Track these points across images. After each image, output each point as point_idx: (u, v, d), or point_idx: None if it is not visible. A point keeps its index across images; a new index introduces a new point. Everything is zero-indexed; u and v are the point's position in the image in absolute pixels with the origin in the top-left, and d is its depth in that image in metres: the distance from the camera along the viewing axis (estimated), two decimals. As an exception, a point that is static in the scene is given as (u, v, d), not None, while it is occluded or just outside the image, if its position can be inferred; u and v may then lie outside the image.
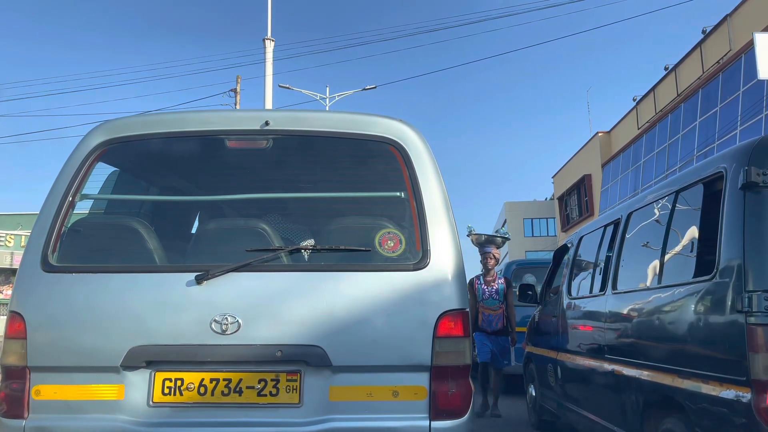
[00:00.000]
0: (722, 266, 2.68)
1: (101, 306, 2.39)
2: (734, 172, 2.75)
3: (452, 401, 2.38)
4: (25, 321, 2.38)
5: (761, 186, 2.62)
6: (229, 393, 2.34)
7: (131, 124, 2.76)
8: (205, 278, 2.37)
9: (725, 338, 2.61)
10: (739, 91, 19.10)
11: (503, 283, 7.01)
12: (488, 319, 6.86)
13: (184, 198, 3.36)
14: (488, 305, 6.90)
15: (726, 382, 2.59)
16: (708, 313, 2.76)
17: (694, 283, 2.90)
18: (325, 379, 2.36)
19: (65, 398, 2.37)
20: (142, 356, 2.34)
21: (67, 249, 2.53)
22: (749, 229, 2.59)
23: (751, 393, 2.43)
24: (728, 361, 2.58)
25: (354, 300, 2.40)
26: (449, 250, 2.50)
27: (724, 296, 2.63)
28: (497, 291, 6.94)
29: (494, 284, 6.96)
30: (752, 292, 2.47)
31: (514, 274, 9.55)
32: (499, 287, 6.95)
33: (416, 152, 2.62)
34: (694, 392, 2.82)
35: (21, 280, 2.47)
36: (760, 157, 2.68)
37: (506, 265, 9.97)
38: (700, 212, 3.07)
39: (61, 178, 2.60)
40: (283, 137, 2.72)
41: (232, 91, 21.67)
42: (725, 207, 2.76)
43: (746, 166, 2.66)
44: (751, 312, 2.45)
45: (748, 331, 2.46)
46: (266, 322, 2.36)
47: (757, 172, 2.62)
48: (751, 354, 2.44)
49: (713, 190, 2.97)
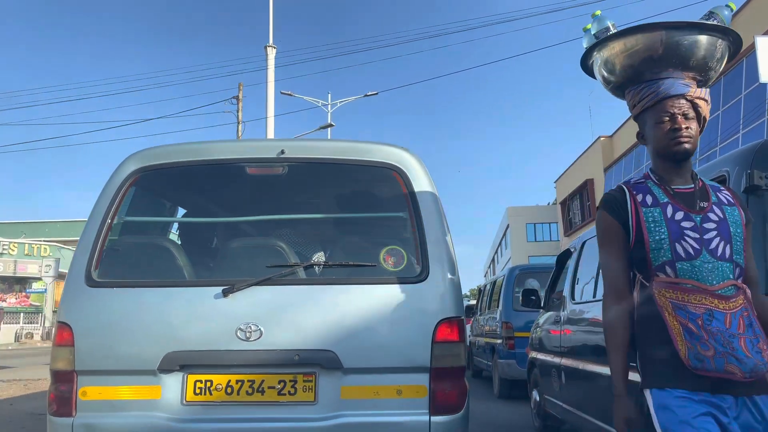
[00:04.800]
0: (726, 270, 2.67)
1: (139, 316, 2.69)
2: (737, 175, 2.76)
3: (449, 399, 2.66)
4: (72, 330, 2.67)
5: (764, 189, 2.62)
6: (252, 392, 2.63)
7: (161, 153, 3.07)
8: (231, 291, 2.67)
9: (730, 342, 2.60)
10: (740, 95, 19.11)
11: (733, 202, 2.03)
12: (716, 333, 1.84)
13: (209, 219, 3.73)
14: (706, 276, 1.87)
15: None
16: (712, 317, 2.75)
17: (698, 286, 2.89)
18: (337, 379, 2.65)
19: (109, 398, 2.65)
20: (176, 361, 2.62)
21: (108, 266, 2.82)
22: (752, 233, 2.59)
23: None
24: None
25: (362, 309, 2.69)
26: (446, 264, 2.78)
27: (728, 300, 2.62)
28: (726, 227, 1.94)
29: (708, 204, 1.97)
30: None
31: (517, 279, 9.54)
32: (729, 214, 1.97)
33: (416, 177, 2.92)
34: (698, 396, 2.81)
35: (67, 294, 2.77)
36: (762, 160, 2.69)
37: (509, 271, 9.95)
38: (702, 216, 3.06)
39: (100, 202, 2.91)
40: (297, 164, 3.04)
41: (234, 98, 21.72)
42: (728, 210, 2.75)
43: (749, 170, 2.67)
44: (755, 315, 2.44)
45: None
46: (285, 330, 2.66)
47: (760, 176, 2.63)
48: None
49: (716, 193, 2.96)
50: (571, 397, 4.89)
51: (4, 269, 36.53)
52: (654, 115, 2.00)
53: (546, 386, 5.71)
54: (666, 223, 1.91)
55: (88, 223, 2.88)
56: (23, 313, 37.37)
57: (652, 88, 2.02)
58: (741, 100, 19.05)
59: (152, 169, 3.02)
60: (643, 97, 2.05)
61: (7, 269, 36.61)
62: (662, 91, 1.99)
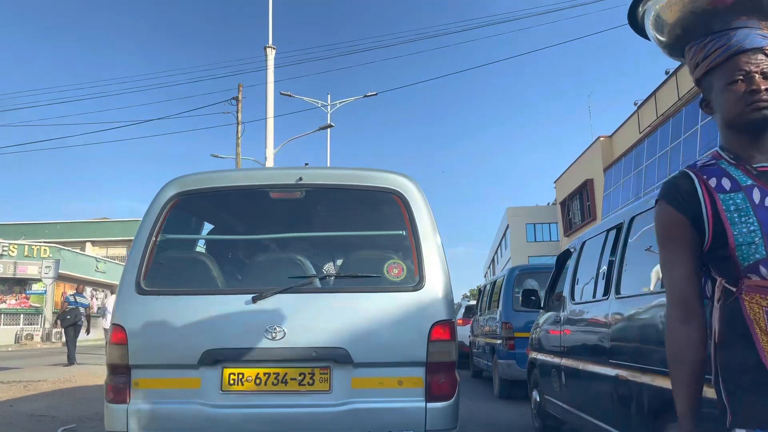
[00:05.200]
0: (725, 270, 2.66)
1: (182, 319, 3.14)
2: (736, 175, 2.74)
3: (442, 388, 3.10)
4: (125, 331, 3.12)
5: (763, 189, 2.60)
6: (277, 383, 3.09)
7: (196, 180, 3.55)
8: (259, 298, 3.12)
9: (729, 342, 2.59)
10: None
11: None
12: None
13: (239, 237, 4.25)
14: None
15: (731, 386, 2.57)
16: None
17: (698, 287, 2.88)
18: (348, 372, 3.10)
19: (157, 387, 3.10)
20: (213, 356, 3.07)
21: (154, 277, 3.27)
22: (752, 233, 2.58)
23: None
24: (733, 365, 2.56)
25: (368, 313, 3.15)
26: (440, 275, 3.23)
27: (728, 300, 2.61)
28: None
29: None
30: (755, 296, 2.44)
31: (516, 279, 9.54)
32: None
33: (414, 200, 3.37)
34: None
35: (121, 301, 3.23)
36: None
37: (509, 271, 9.96)
38: (702, 216, 3.04)
39: (145, 222, 3.38)
40: (312, 189, 3.53)
41: (233, 99, 21.72)
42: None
43: (748, 170, 2.65)
44: (754, 316, 2.43)
45: (752, 334, 2.44)
46: (304, 331, 3.10)
47: None
48: (755, 358, 2.42)
49: (715, 193, 2.94)
50: (571, 397, 4.90)
51: (3, 270, 36.51)
52: (724, 76, 1.58)
53: (546, 386, 5.71)
54: (754, 210, 1.49)
55: (135, 241, 3.36)
56: (23, 314, 37.35)
57: (721, 42, 1.60)
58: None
59: (189, 194, 3.50)
60: (709, 53, 1.63)
61: (6, 270, 36.59)
62: (734, 44, 1.57)
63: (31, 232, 48.51)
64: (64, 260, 38.10)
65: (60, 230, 50.10)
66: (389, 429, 3.06)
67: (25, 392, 8.45)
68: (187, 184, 3.51)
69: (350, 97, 25.74)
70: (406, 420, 3.06)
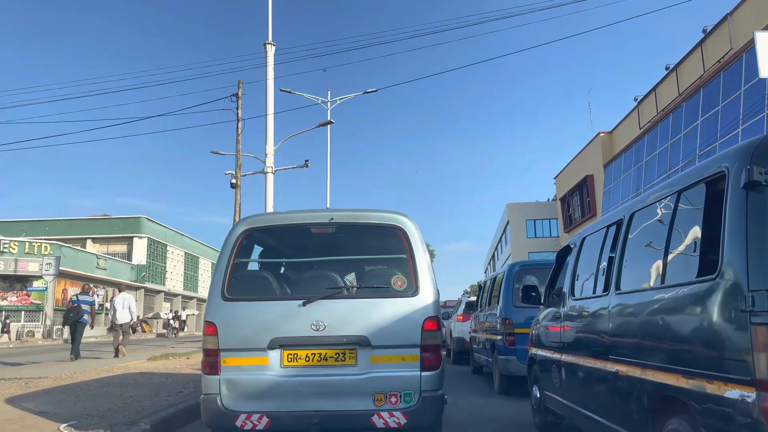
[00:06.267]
0: (725, 266, 2.66)
1: (254, 317, 4.58)
2: (736, 171, 2.74)
3: (431, 362, 4.49)
4: (216, 326, 4.55)
5: (764, 185, 2.60)
6: (320, 360, 4.51)
7: (260, 219, 5.06)
8: (307, 302, 4.56)
9: (729, 338, 2.60)
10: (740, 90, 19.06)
11: None
12: None
13: (290, 260, 5.65)
14: None
15: (730, 381, 2.58)
16: (712, 313, 2.74)
17: (698, 283, 2.89)
18: (368, 352, 4.50)
19: (238, 364, 4.51)
20: (276, 342, 4.50)
21: (233, 288, 4.70)
22: (752, 229, 2.58)
23: (756, 392, 2.42)
24: (732, 360, 2.57)
25: (381, 312, 4.55)
26: (429, 286, 4.66)
27: (728, 296, 2.62)
28: None
29: None
30: (756, 292, 2.46)
31: (516, 275, 9.52)
32: None
33: (412, 233, 4.80)
34: (698, 392, 2.81)
35: (211, 305, 4.65)
36: (762, 155, 2.67)
37: (509, 267, 9.95)
38: (702, 212, 3.04)
39: (224, 251, 4.80)
40: (340, 225, 4.96)
41: (233, 96, 21.67)
42: (728, 206, 2.74)
43: (748, 165, 2.65)
44: (754, 312, 2.44)
45: (752, 330, 2.45)
46: (338, 324, 4.51)
47: (759, 171, 2.61)
48: (755, 353, 2.43)
49: (715, 189, 2.95)
50: (571, 393, 4.90)
51: (4, 267, 36.54)
52: None
53: (546, 382, 5.72)
54: None
55: (218, 263, 4.79)
56: (24, 311, 37.39)
57: None
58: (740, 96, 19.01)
59: (254, 230, 4.97)
60: None
61: (7, 267, 36.61)
62: None
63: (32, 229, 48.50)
64: (64, 257, 38.11)
65: (60, 227, 50.10)
66: (396, 390, 4.43)
67: (27, 389, 8.46)
68: (254, 223, 4.97)
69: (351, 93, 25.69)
70: (407, 384, 4.44)
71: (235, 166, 21.43)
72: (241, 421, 4.40)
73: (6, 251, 37.19)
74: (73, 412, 6.41)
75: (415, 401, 4.41)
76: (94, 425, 5.60)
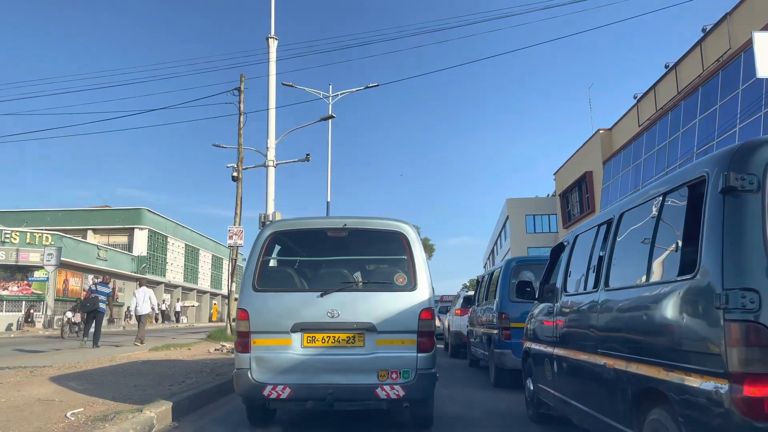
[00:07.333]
0: (703, 266, 2.83)
1: (280, 305, 5.46)
2: (715, 176, 2.90)
3: (426, 345, 5.35)
4: (248, 312, 5.42)
5: (739, 190, 2.76)
6: (334, 342, 5.35)
7: (285, 224, 6.20)
8: (324, 294, 5.43)
9: (705, 333, 2.77)
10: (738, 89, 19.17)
11: None
12: None
13: (309, 258, 6.46)
14: None
15: (706, 374, 2.75)
16: (690, 310, 2.92)
17: (678, 281, 3.06)
18: (374, 336, 5.35)
19: (266, 344, 5.37)
20: (298, 327, 5.36)
21: (262, 281, 5.60)
22: (728, 231, 2.74)
23: (729, 384, 2.60)
24: (708, 354, 2.74)
25: (385, 304, 5.44)
26: (425, 282, 5.56)
27: (705, 294, 2.78)
28: None
29: None
30: (729, 290, 2.62)
31: (513, 271, 9.68)
32: None
33: (412, 238, 5.71)
34: (677, 384, 2.98)
35: (244, 295, 5.54)
36: (739, 162, 2.83)
37: (506, 263, 10.10)
38: (684, 214, 3.20)
39: (254, 250, 5.72)
40: (352, 230, 5.85)
41: (236, 90, 21.78)
42: (706, 210, 2.91)
43: (726, 171, 2.81)
44: (728, 309, 2.61)
45: (725, 326, 2.62)
46: (349, 313, 5.37)
47: (736, 177, 2.77)
48: (728, 348, 2.60)
49: (697, 193, 3.11)
50: (562, 385, 5.06)
51: (5, 258, 36.66)
52: None
53: (539, 375, 5.88)
54: None
55: (249, 260, 5.72)
56: (25, 301, 37.56)
57: None
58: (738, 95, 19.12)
59: (280, 233, 5.96)
60: None
61: (8, 257, 36.74)
62: None
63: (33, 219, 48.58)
64: (65, 248, 38.23)
65: (61, 218, 50.16)
66: (397, 368, 5.27)
67: (32, 378, 8.63)
68: (279, 227, 6.01)
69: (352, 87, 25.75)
70: (406, 363, 5.30)
71: (237, 159, 21.56)
72: (267, 391, 5.26)
73: (7, 241, 37.31)
74: (78, 400, 6.56)
75: (412, 377, 5.28)
76: (101, 413, 5.75)
